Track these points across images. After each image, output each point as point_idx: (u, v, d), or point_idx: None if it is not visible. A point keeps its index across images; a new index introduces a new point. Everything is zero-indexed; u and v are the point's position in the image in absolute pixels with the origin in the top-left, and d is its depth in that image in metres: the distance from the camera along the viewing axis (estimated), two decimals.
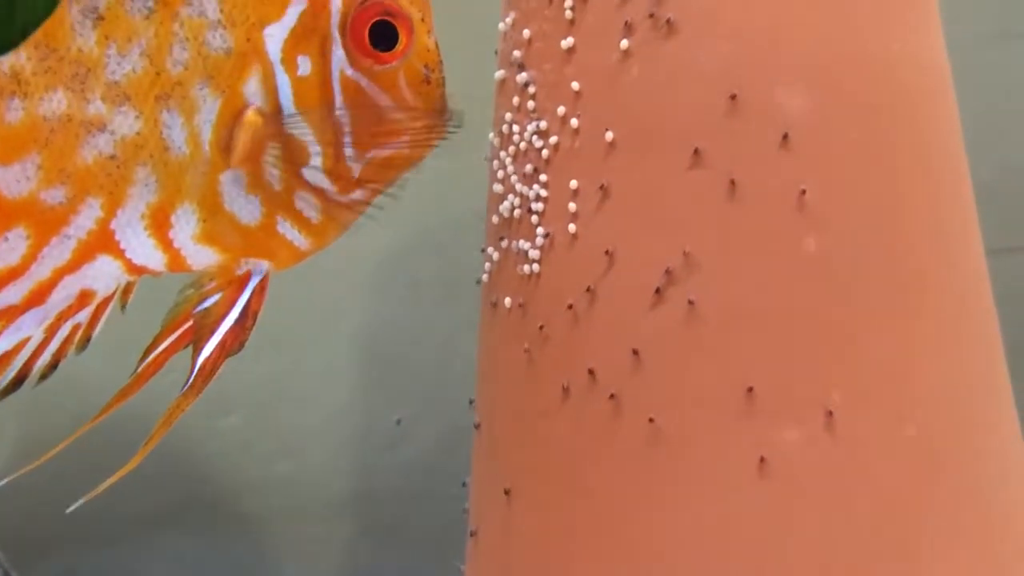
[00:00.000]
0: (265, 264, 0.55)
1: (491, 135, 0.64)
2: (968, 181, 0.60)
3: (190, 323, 0.54)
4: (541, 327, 0.59)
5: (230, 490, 0.88)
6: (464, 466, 0.67)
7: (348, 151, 0.54)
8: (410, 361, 0.90)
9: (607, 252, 0.58)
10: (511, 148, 0.62)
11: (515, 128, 0.61)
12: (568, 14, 0.59)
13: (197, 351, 0.53)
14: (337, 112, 0.54)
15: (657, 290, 0.56)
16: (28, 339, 0.52)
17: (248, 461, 0.89)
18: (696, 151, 0.56)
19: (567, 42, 0.59)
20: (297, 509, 0.90)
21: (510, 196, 0.61)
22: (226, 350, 0.53)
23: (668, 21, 0.57)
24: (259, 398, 0.88)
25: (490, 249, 0.63)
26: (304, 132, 0.54)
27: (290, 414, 0.89)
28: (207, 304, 0.54)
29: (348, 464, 0.90)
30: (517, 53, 0.61)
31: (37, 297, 0.52)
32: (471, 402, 0.66)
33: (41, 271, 0.51)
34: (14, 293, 0.51)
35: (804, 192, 0.55)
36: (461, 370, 0.85)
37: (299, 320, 0.89)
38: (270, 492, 0.89)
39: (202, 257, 0.54)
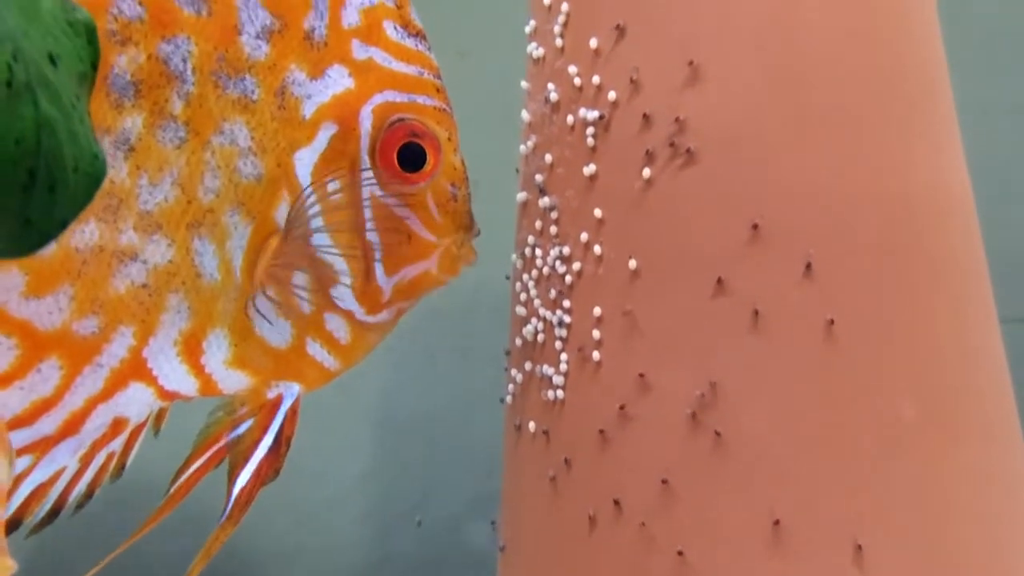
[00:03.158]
0: (296, 387, 0.53)
1: (513, 256, 0.61)
2: (992, 303, 0.58)
3: (221, 444, 0.52)
4: (566, 456, 0.56)
5: (249, 562, 0.86)
6: (480, 536, 0.64)
7: (378, 273, 0.52)
8: (427, 432, 0.88)
9: (632, 381, 0.55)
10: (534, 272, 0.59)
11: (538, 252, 0.59)
12: (590, 141, 0.57)
13: (232, 480, 0.51)
14: (367, 235, 0.52)
15: (684, 420, 0.53)
16: (63, 470, 0.49)
17: (266, 533, 0.86)
18: (719, 280, 0.54)
19: (589, 169, 0.57)
20: None
21: (533, 320, 0.59)
22: (261, 478, 0.51)
23: (688, 150, 0.54)
24: None
25: (514, 371, 0.60)
26: (333, 255, 0.51)
27: (308, 486, 0.87)
28: (240, 431, 0.51)
29: (366, 535, 0.87)
30: (539, 177, 0.59)
31: (71, 427, 0.49)
32: (493, 524, 0.63)
33: (74, 401, 0.49)
34: (48, 424, 0.49)
35: (832, 322, 0.52)
36: (479, 441, 0.83)
37: (316, 392, 0.87)
38: (288, 564, 0.86)
39: (233, 381, 0.52)
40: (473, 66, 0.84)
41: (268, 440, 0.51)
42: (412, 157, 0.52)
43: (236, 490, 0.50)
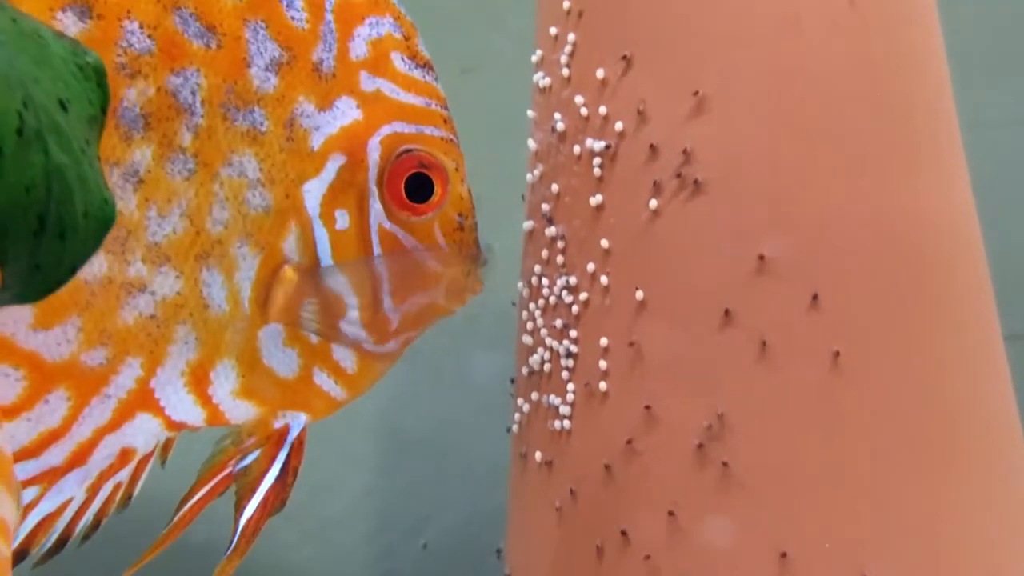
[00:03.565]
0: (303, 417, 0.52)
1: (520, 284, 0.61)
2: (998, 331, 0.57)
3: (225, 472, 0.51)
4: (572, 487, 0.56)
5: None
6: (484, 557, 0.63)
7: (385, 303, 0.52)
8: (431, 445, 0.87)
9: (639, 412, 0.54)
10: (540, 301, 0.59)
11: (544, 281, 0.58)
12: (596, 171, 0.56)
13: (239, 511, 0.50)
14: (375, 265, 0.51)
15: (691, 451, 0.53)
16: (70, 500, 0.49)
17: (271, 548, 0.86)
18: (727, 311, 0.53)
19: (596, 199, 0.56)
20: None
21: (540, 349, 0.58)
22: (268, 510, 0.50)
23: (695, 181, 0.54)
24: None
25: (520, 400, 0.60)
26: (341, 285, 0.51)
27: (312, 500, 0.86)
28: (247, 462, 0.51)
29: (371, 550, 0.86)
30: (546, 206, 0.59)
31: (78, 458, 0.49)
32: (499, 552, 0.62)
33: (82, 431, 0.49)
34: (56, 455, 0.48)
35: (838, 354, 0.52)
36: (483, 454, 0.82)
37: None
38: None
39: (241, 411, 0.52)
40: (476, 82, 0.84)
41: (275, 471, 0.51)
42: (420, 188, 0.52)
43: (243, 521, 0.50)
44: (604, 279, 0.56)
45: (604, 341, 0.56)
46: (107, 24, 0.47)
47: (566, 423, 0.57)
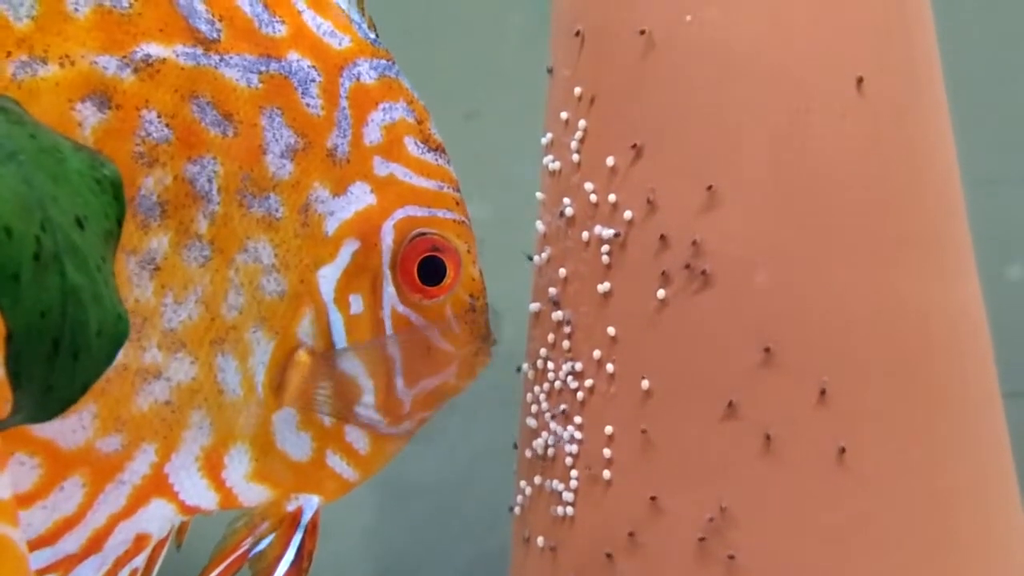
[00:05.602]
0: (315, 499, 0.51)
1: (525, 366, 0.60)
2: (1002, 417, 0.56)
3: (238, 553, 0.50)
4: None
5: None
6: None
7: (398, 385, 0.51)
8: (429, 489, 0.86)
9: (643, 502, 0.54)
10: (545, 385, 0.58)
11: (550, 365, 0.58)
12: (605, 259, 0.56)
13: None
14: (388, 348, 0.50)
15: (693, 544, 0.52)
16: None
17: None
18: (730, 404, 0.52)
19: (604, 287, 0.56)
20: None
21: (544, 433, 0.58)
22: None
23: (703, 272, 0.53)
24: None
25: (523, 482, 0.59)
26: (356, 369, 0.50)
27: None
28: (261, 547, 0.50)
29: None
30: (553, 290, 0.58)
31: (94, 545, 0.48)
32: None
33: (97, 518, 0.48)
34: (71, 542, 0.48)
35: (843, 450, 0.51)
36: (480, 498, 0.81)
37: None
38: None
39: (254, 495, 0.51)
40: (480, 128, 0.84)
41: (290, 556, 0.50)
42: (432, 271, 0.51)
43: None
44: (610, 367, 0.55)
45: (609, 429, 0.55)
46: (125, 114, 0.46)
47: (569, 509, 0.56)
